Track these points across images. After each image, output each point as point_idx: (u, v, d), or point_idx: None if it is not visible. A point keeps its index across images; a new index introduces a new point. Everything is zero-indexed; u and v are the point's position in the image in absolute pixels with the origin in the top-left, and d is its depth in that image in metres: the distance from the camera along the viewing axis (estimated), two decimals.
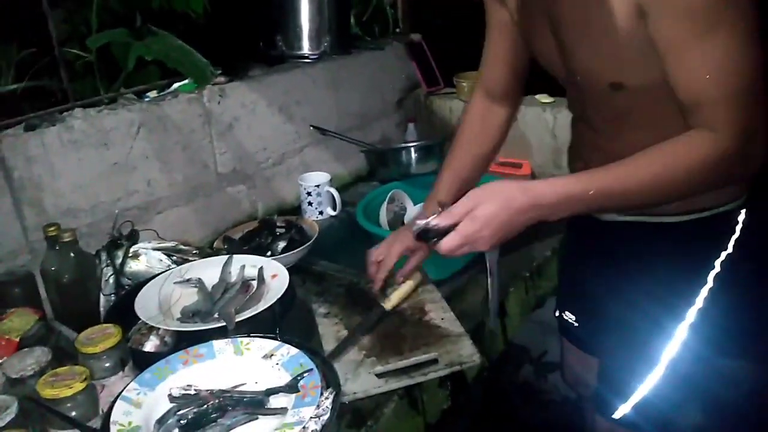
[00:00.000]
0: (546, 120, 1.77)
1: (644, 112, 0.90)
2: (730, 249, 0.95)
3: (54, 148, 1.20)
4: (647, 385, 1.01)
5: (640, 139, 0.90)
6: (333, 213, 1.66)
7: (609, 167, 0.82)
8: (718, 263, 0.95)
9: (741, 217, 0.96)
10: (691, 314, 0.96)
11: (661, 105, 0.87)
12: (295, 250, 1.33)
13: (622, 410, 1.04)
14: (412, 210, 1.68)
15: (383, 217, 1.58)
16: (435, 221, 0.84)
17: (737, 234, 0.95)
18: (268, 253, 1.35)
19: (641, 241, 1.00)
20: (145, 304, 1.09)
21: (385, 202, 1.60)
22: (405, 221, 1.62)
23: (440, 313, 1.11)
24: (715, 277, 0.95)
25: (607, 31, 0.83)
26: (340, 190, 1.70)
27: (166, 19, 1.81)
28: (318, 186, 1.63)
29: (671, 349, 0.98)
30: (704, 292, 0.95)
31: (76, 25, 1.65)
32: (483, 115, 1.19)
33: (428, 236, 0.86)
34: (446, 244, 0.83)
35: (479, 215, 0.81)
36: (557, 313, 1.28)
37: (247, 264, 1.20)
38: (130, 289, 1.18)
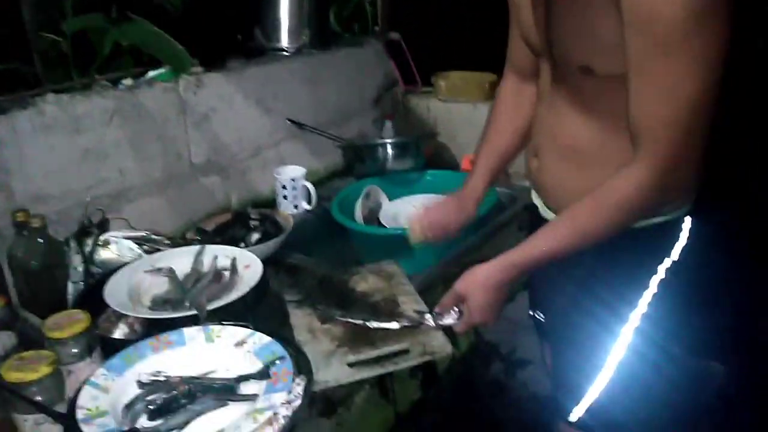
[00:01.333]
0: None
1: (608, 102, 0.91)
2: (675, 256, 0.97)
3: (25, 132, 1.18)
4: (597, 387, 1.02)
5: (595, 126, 0.95)
6: (308, 207, 1.66)
7: (552, 227, 0.95)
8: (662, 269, 0.97)
9: (686, 225, 0.98)
10: (635, 318, 0.98)
11: (623, 98, 0.87)
12: (268, 242, 1.33)
13: (576, 413, 1.05)
14: (387, 206, 1.69)
15: (358, 212, 1.59)
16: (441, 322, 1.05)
17: (683, 241, 0.97)
18: (242, 245, 1.34)
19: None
20: (114, 292, 1.07)
21: (361, 198, 1.61)
22: (380, 217, 1.63)
23: (413, 305, 1.11)
24: (659, 283, 0.97)
25: (591, 12, 0.84)
26: (315, 184, 1.70)
27: (142, 9, 1.80)
28: (293, 180, 1.63)
29: (617, 351, 1.00)
30: (648, 296, 0.97)
31: (51, 13, 1.62)
32: (515, 92, 1.21)
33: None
34: (461, 329, 1.05)
35: (470, 304, 1.00)
36: (531, 312, 1.30)
37: (219, 254, 1.20)
38: (99, 277, 1.16)
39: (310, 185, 1.64)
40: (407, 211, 1.68)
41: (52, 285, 1.15)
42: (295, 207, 1.65)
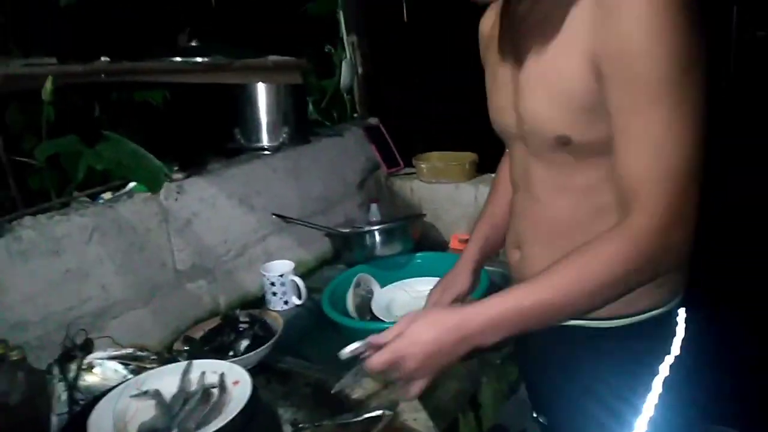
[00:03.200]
0: None
1: (587, 176, 0.89)
2: (677, 350, 0.92)
3: (1, 261, 1.16)
4: None
5: (575, 206, 0.92)
6: (298, 302, 1.62)
7: (530, 282, 0.79)
8: (664, 367, 0.92)
9: (681, 317, 0.94)
10: (641, 424, 0.91)
11: (602, 169, 0.87)
12: (258, 350, 1.29)
13: None
14: (379, 293, 1.66)
15: (350, 303, 1.56)
16: (364, 347, 0.86)
17: (681, 334, 0.93)
18: (231, 353, 1.30)
19: (583, 346, 0.95)
20: (99, 424, 1.02)
21: (351, 288, 1.58)
22: (372, 307, 1.60)
23: (412, 414, 1.07)
24: (663, 382, 0.91)
25: (564, 80, 0.83)
26: (305, 275, 1.67)
27: (125, 108, 1.81)
28: (282, 275, 1.60)
29: None
30: (652, 398, 0.91)
31: (33, 115, 1.61)
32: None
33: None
34: (374, 358, 0.83)
35: (408, 332, 0.81)
36: (534, 414, 1.25)
37: (207, 370, 1.15)
38: (82, 406, 1.11)
39: (299, 280, 1.61)
40: (400, 298, 1.66)
41: (34, 419, 1.09)
42: (285, 303, 1.61)
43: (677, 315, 0.94)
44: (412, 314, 0.83)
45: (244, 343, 1.34)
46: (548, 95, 0.86)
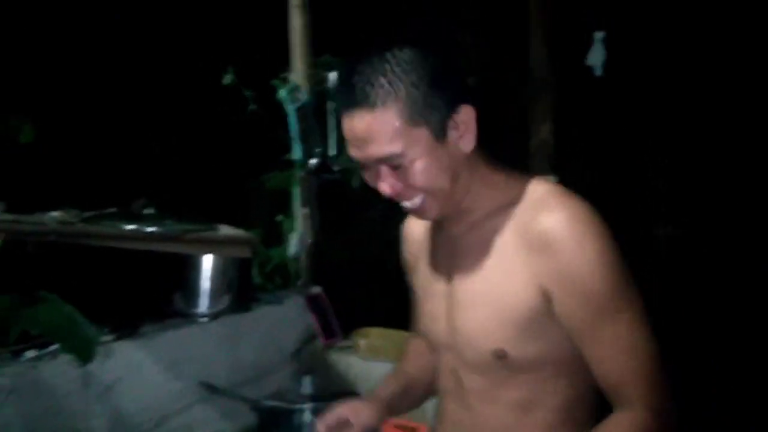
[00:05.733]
0: None
1: (520, 388, 0.95)
2: None
3: None
4: None
5: (513, 421, 0.96)
6: None
7: None
8: None
9: None
10: None
11: (537, 385, 0.93)
12: None
13: None
14: None
15: None
16: None
17: None
18: None
19: None
20: None
21: None
22: None
23: None
24: None
25: (508, 298, 0.91)
26: None
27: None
28: None
29: None
30: None
31: None
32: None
33: None
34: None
35: None
36: None
37: None
38: None
39: None
40: None
41: None
42: None
43: None
44: None
45: None
46: (488, 311, 0.94)
